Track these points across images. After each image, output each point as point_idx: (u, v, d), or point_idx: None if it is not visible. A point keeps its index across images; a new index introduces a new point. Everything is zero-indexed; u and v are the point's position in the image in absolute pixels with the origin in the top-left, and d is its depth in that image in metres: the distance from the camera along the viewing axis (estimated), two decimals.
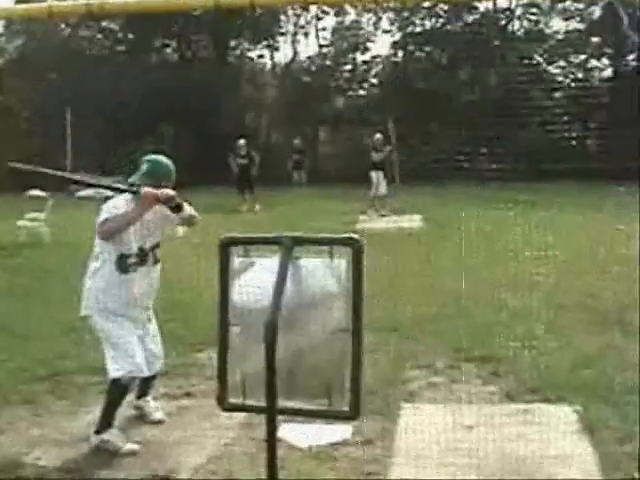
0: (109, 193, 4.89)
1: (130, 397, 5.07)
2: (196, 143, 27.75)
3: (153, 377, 5.16)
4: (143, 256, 4.83)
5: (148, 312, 5.02)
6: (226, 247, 3.73)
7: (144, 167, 4.88)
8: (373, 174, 18.18)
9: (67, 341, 6.94)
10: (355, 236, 3.59)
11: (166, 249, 5.12)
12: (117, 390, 4.75)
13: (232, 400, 3.71)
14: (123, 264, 4.75)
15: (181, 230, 5.07)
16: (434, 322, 7.46)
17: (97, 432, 4.75)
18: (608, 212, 13.02)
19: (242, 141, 20.59)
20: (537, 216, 11.90)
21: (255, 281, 3.64)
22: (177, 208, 4.75)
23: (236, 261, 3.73)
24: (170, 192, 4.70)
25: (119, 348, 4.73)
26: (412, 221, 16.09)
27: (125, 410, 5.06)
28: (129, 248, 4.75)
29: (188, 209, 4.88)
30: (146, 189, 4.64)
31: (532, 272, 9.25)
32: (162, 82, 26.83)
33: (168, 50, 33.90)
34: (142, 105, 26.47)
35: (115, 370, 4.71)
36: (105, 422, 4.75)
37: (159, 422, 5.20)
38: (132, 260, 4.77)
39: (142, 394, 5.24)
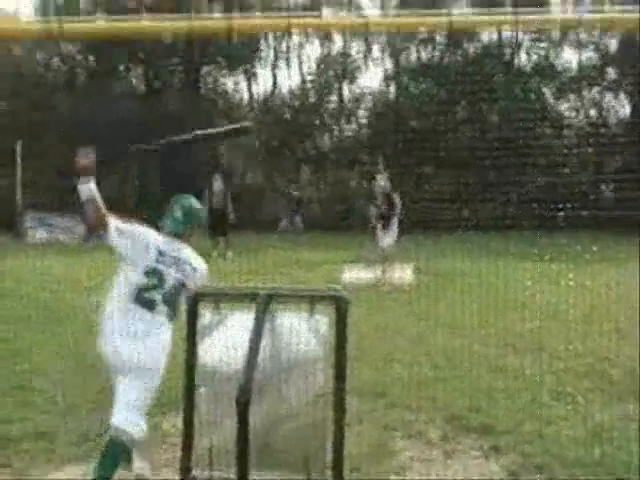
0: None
1: None
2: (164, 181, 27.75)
3: None
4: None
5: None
6: (194, 302, 3.74)
7: (178, 212, 4.98)
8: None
9: (11, 402, 6.86)
10: (339, 290, 3.60)
11: None
12: (117, 447, 4.61)
13: (198, 472, 3.69)
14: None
15: None
16: (427, 387, 7.43)
17: None
18: (624, 266, 13.12)
19: (218, 177, 20.62)
20: (543, 269, 11.98)
21: (227, 339, 3.64)
22: None
23: (206, 316, 3.73)
24: None
25: (134, 405, 4.66)
26: (403, 272, 16.10)
27: None
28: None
29: None
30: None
31: (538, 331, 9.27)
32: (126, 113, 26.93)
33: (133, 78, 34.08)
34: (103, 138, 26.47)
35: (121, 420, 4.62)
36: None
37: None
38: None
39: None
